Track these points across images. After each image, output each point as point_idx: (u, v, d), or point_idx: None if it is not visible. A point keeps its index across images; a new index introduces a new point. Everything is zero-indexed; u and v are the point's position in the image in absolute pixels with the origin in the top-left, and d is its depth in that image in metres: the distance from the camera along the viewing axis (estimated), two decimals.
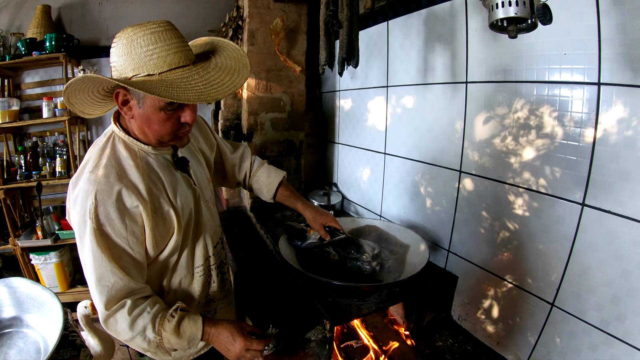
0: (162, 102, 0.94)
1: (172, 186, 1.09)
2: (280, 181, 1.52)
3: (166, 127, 1.00)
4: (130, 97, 0.97)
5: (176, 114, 1.00)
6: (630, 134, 1.14)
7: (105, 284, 0.96)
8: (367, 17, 2.33)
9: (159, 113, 0.97)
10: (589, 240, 1.28)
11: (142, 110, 0.97)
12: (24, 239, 2.94)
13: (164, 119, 0.98)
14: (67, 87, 0.92)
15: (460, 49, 1.68)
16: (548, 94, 1.35)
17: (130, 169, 1.01)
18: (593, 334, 1.29)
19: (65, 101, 0.97)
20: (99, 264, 0.95)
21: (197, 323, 1.04)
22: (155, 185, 1.05)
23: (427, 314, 1.75)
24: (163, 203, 1.05)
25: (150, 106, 0.96)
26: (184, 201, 1.12)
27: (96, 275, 0.96)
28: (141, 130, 1.03)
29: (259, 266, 1.88)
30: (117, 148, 1.04)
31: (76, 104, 1.01)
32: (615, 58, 1.15)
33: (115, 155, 1.02)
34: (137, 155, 1.05)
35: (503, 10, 0.99)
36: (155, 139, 1.04)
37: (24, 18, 3.07)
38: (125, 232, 0.98)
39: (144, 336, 1.00)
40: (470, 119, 1.67)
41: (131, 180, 1.00)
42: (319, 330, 1.37)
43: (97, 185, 0.95)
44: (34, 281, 1.61)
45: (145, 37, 0.90)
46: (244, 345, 1.05)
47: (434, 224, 1.97)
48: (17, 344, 1.52)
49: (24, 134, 3.22)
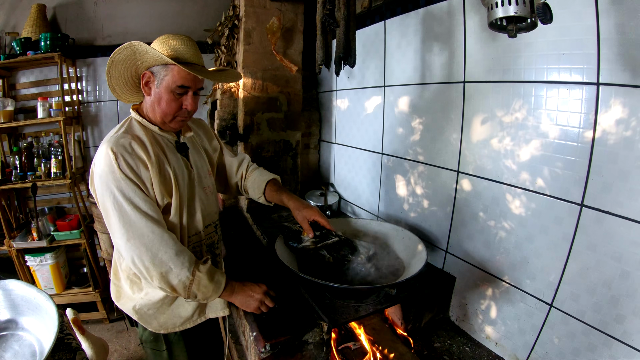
0: (174, 84, 1.20)
1: (173, 160, 1.30)
2: (271, 179, 1.63)
3: (171, 107, 1.24)
4: (152, 79, 1.23)
5: (181, 99, 1.25)
6: (629, 134, 1.13)
7: (137, 231, 1.16)
8: (364, 17, 2.32)
9: (169, 94, 1.22)
10: (587, 241, 1.27)
11: (157, 90, 1.23)
12: (19, 240, 2.92)
13: (171, 100, 1.23)
14: (114, 53, 1.18)
15: (458, 49, 1.67)
16: (546, 94, 1.35)
17: (141, 135, 1.24)
18: (592, 335, 1.29)
19: (107, 69, 1.22)
20: (124, 210, 1.16)
21: (223, 274, 1.33)
22: (160, 152, 1.27)
23: (425, 315, 1.74)
24: (165, 165, 1.26)
25: (165, 87, 1.21)
26: (181, 175, 1.32)
27: (124, 220, 1.16)
28: (152, 107, 1.27)
29: (255, 267, 1.87)
30: (132, 123, 1.29)
31: (113, 77, 1.25)
32: (614, 58, 1.14)
33: (129, 127, 1.26)
34: (148, 131, 1.28)
35: (503, 9, 0.98)
36: (160, 117, 1.27)
37: (19, 17, 3.03)
38: (142, 174, 1.19)
39: (178, 274, 1.20)
40: (468, 119, 1.66)
41: (141, 139, 1.22)
42: (316, 332, 1.36)
43: (113, 142, 1.16)
44: (29, 283, 1.59)
45: (177, 39, 1.21)
46: (265, 288, 1.40)
47: (431, 225, 1.96)
48: (12, 347, 1.50)
49: (19, 134, 3.19)
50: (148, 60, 1.21)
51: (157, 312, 1.38)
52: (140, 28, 3.20)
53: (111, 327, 3.10)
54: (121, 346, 2.85)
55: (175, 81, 1.20)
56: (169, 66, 1.20)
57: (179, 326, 1.42)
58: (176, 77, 1.20)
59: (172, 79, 1.20)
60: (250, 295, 1.36)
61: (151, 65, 1.22)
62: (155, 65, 1.22)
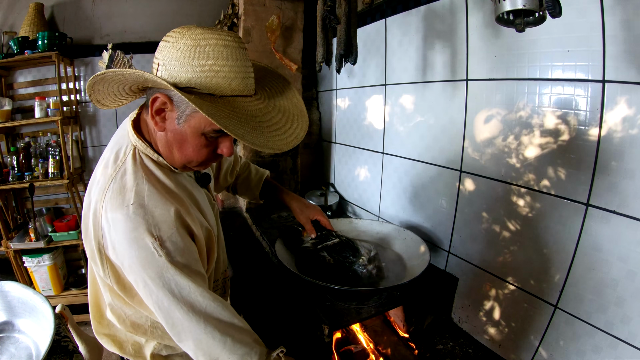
0: (208, 127, 0.81)
1: (203, 204, 1.02)
2: (265, 177, 1.53)
3: (201, 154, 0.87)
4: (171, 108, 0.82)
5: (215, 142, 0.87)
6: (635, 133, 1.11)
7: (199, 309, 0.84)
8: (365, 15, 2.30)
9: (199, 137, 0.84)
10: (593, 241, 1.25)
11: (179, 128, 0.83)
12: (16, 241, 2.90)
13: (201, 145, 0.86)
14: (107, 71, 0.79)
15: (460, 46, 1.65)
16: (551, 92, 1.33)
17: (172, 188, 0.91)
18: (597, 336, 1.27)
19: (89, 85, 0.84)
20: (187, 293, 0.83)
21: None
22: (185, 200, 0.94)
23: (427, 317, 1.72)
24: (202, 220, 0.97)
25: (193, 127, 0.82)
26: (211, 218, 1.03)
27: (187, 305, 0.83)
28: (168, 148, 0.89)
29: (255, 269, 1.85)
30: (149, 168, 0.91)
31: (99, 92, 0.89)
32: (620, 55, 1.12)
33: (151, 177, 0.89)
34: (170, 172, 0.94)
35: (510, 2, 0.95)
36: (181, 162, 0.90)
37: (16, 16, 3.02)
38: (193, 251, 0.88)
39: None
40: (471, 118, 1.65)
41: (170, 189, 0.90)
42: (317, 335, 1.34)
43: (151, 216, 0.82)
44: (26, 285, 1.57)
45: (217, 48, 0.76)
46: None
47: (433, 225, 1.94)
48: (8, 350, 1.48)
49: (16, 134, 3.17)
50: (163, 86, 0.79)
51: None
52: (139, 27, 3.18)
53: None
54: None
55: (210, 123, 0.80)
56: None
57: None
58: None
59: (206, 121, 0.80)
60: None
61: (168, 89, 0.79)
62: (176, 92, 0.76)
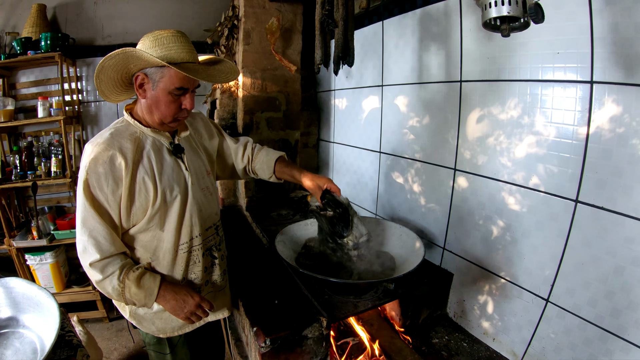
0: (172, 86, 1.18)
1: (158, 166, 1.26)
2: (279, 156, 1.63)
3: (170, 109, 1.23)
4: (147, 81, 1.20)
5: (179, 99, 1.23)
6: (622, 131, 1.15)
7: (88, 226, 1.18)
8: (362, 17, 2.34)
9: (167, 96, 1.20)
10: (582, 237, 1.29)
11: (154, 92, 1.20)
12: (19, 239, 2.92)
13: (170, 101, 1.21)
14: (105, 59, 1.13)
15: (454, 49, 1.69)
16: (541, 93, 1.37)
17: (125, 141, 1.21)
18: (588, 329, 1.30)
19: (96, 74, 1.17)
20: (83, 209, 1.18)
21: (156, 280, 1.25)
22: (142, 160, 1.24)
23: (423, 311, 1.76)
24: (145, 176, 1.23)
25: (162, 89, 1.19)
26: (170, 181, 1.28)
27: (81, 218, 1.19)
28: (149, 110, 1.24)
29: (255, 265, 1.88)
30: (122, 127, 1.25)
31: (102, 82, 1.21)
32: (607, 57, 1.16)
33: (117, 131, 1.23)
34: (136, 134, 1.25)
35: (496, 9, 1.00)
36: (159, 119, 1.25)
37: (19, 17, 3.04)
38: (107, 190, 1.18)
39: (110, 280, 1.20)
40: (465, 118, 1.68)
41: (122, 148, 1.19)
42: (315, 327, 1.37)
43: (97, 147, 1.16)
44: (30, 281, 1.60)
45: (168, 37, 1.16)
46: (199, 300, 1.28)
47: (429, 222, 1.98)
48: (13, 344, 1.51)
49: (19, 133, 3.20)
50: (141, 63, 1.17)
51: (154, 317, 1.39)
52: (140, 28, 3.20)
53: (111, 325, 3.10)
54: (121, 345, 2.85)
55: (173, 83, 1.18)
56: (164, 68, 1.16)
57: (177, 330, 1.42)
58: (174, 79, 1.17)
59: (170, 81, 1.18)
60: (181, 305, 1.27)
61: (144, 67, 1.18)
62: (148, 67, 1.18)
